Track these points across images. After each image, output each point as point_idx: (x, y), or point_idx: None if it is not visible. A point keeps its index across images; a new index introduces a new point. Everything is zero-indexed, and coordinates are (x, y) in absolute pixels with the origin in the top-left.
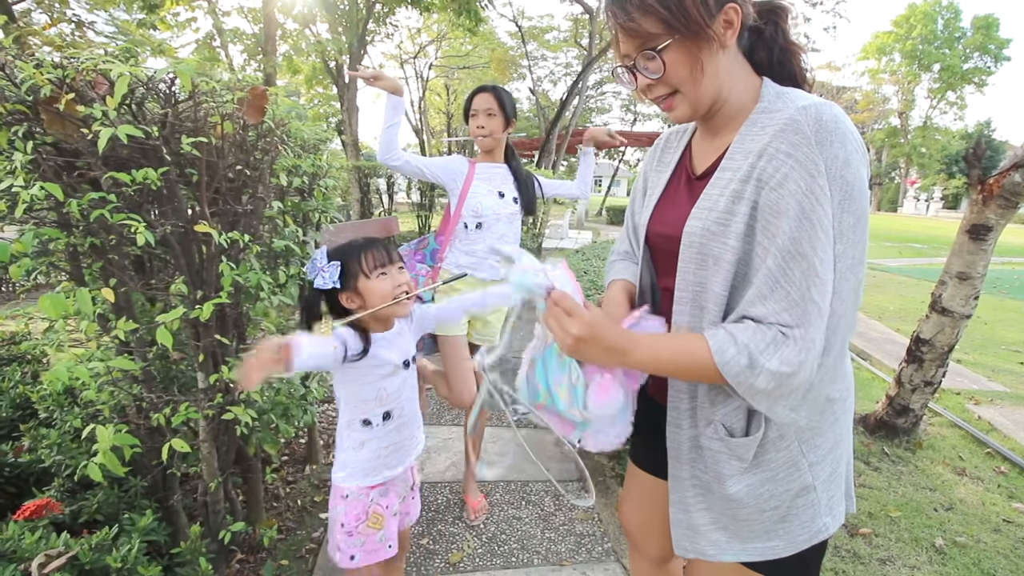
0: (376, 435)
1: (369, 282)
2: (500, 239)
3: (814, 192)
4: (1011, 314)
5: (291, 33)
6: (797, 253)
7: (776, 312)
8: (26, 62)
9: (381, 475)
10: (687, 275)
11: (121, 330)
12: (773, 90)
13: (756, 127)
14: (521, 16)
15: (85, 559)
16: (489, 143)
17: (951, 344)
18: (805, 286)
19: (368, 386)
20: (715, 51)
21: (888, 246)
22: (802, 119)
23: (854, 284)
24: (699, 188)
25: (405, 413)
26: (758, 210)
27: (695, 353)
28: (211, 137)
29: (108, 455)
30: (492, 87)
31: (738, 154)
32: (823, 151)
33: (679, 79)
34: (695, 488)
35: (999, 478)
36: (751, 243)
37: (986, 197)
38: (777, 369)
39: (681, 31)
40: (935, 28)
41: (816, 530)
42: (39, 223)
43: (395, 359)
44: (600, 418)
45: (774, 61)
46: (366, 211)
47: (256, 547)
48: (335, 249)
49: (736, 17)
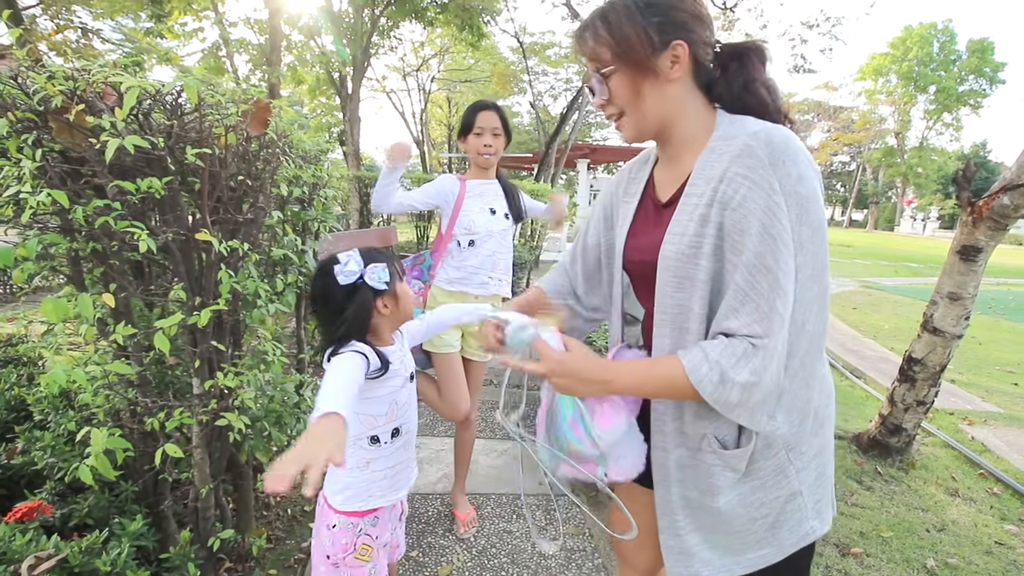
0: (384, 453)
1: (402, 285)
2: (492, 255)
3: (772, 209)
4: (1005, 335)
5: (296, 44)
6: (762, 267)
7: (747, 324)
8: (39, 73)
9: (382, 499)
10: (665, 298)
11: (120, 335)
12: (727, 118)
13: (714, 154)
14: (523, 32)
15: (75, 562)
16: (492, 161)
17: (943, 364)
18: (772, 297)
19: (380, 400)
20: (659, 82)
21: (884, 265)
22: (755, 143)
23: (818, 291)
24: (667, 215)
25: (411, 429)
26: (724, 230)
27: (672, 374)
28: (215, 148)
29: (100, 458)
30: (495, 105)
31: (700, 180)
32: (776, 170)
33: (623, 102)
34: (684, 510)
35: (992, 499)
36: (721, 262)
37: (976, 219)
38: (747, 380)
39: (624, 60)
40: (931, 51)
41: (804, 533)
42: (43, 228)
43: (404, 371)
44: (611, 445)
45: (733, 95)
46: (365, 221)
47: (245, 555)
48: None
49: (683, 54)
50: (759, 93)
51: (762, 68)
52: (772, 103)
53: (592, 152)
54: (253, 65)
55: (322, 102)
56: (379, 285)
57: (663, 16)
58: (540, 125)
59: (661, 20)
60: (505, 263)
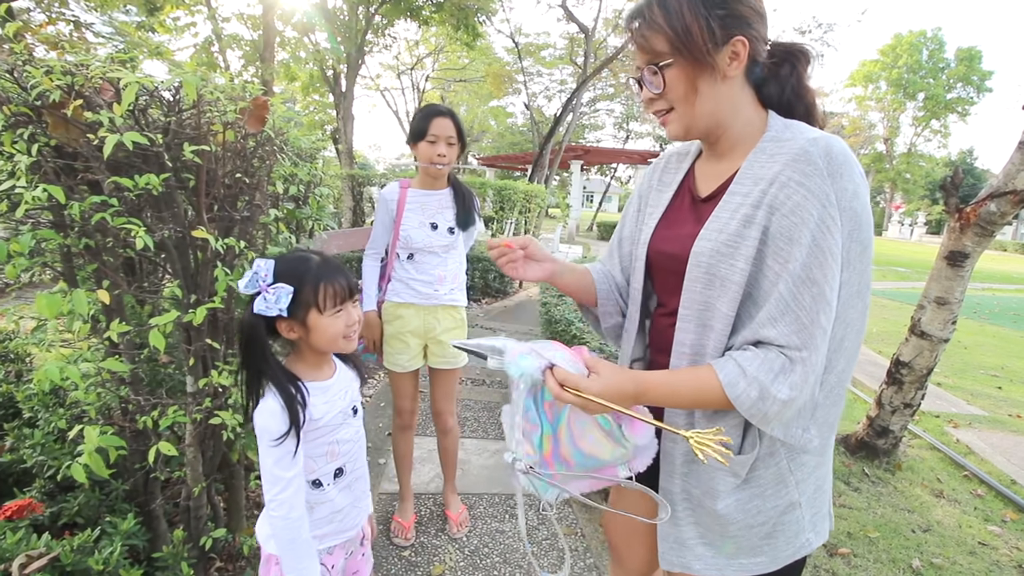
0: (328, 497)
1: (321, 319)
2: (436, 269)
3: (826, 222)
4: (990, 339)
5: (290, 41)
6: (808, 279)
7: (786, 335)
8: (36, 68)
9: (330, 539)
10: (693, 294)
11: (114, 332)
12: (780, 121)
13: (765, 155)
14: (518, 33)
15: (67, 560)
16: (444, 172)
17: (930, 367)
18: (815, 311)
19: (316, 441)
20: (715, 79)
21: (873, 269)
22: (814, 150)
23: (860, 309)
24: (705, 210)
25: (358, 467)
26: (769, 235)
27: (707, 389)
28: (212, 145)
29: (93, 456)
30: (451, 112)
31: (747, 179)
32: (834, 182)
33: (675, 97)
34: (685, 502)
35: (976, 501)
36: (759, 266)
37: (963, 225)
38: (788, 396)
39: (683, 53)
40: (920, 58)
41: (799, 545)
42: (36, 224)
43: (342, 405)
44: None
45: (783, 100)
46: (358, 219)
47: (236, 555)
48: (286, 265)
49: (743, 51)
50: (809, 100)
51: (807, 73)
52: (815, 112)
53: (586, 153)
54: (246, 61)
55: (315, 100)
56: (267, 309)
57: (726, 8)
58: (534, 126)
59: (724, 13)
60: (453, 274)
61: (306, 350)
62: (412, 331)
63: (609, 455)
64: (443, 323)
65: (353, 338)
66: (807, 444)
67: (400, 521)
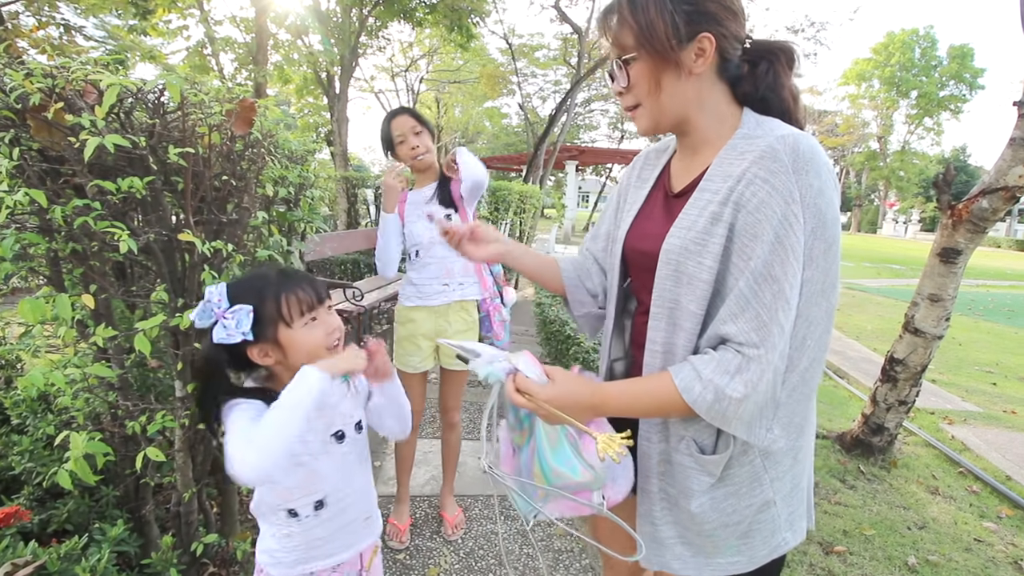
0: (306, 527)
1: (293, 332)
2: (443, 261)
3: (788, 219)
4: (985, 336)
5: (283, 43)
6: (769, 276)
7: (745, 332)
8: (16, 70)
9: (320, 563)
10: (663, 292)
11: (100, 337)
12: (753, 118)
13: (736, 152)
14: (512, 34)
15: (53, 568)
16: (429, 159)
17: (924, 364)
18: (774, 308)
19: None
20: (680, 75)
21: (867, 267)
22: (780, 147)
23: (825, 308)
24: (676, 206)
25: (348, 496)
26: (735, 232)
27: (666, 395)
28: (198, 147)
29: (80, 462)
30: (403, 108)
31: (717, 176)
32: (799, 179)
33: (640, 92)
34: (662, 502)
35: (971, 497)
36: (727, 264)
37: (955, 222)
38: (742, 394)
39: (647, 48)
40: (912, 56)
41: (776, 544)
42: (20, 228)
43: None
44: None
45: (758, 97)
46: (353, 222)
47: (229, 560)
48: (241, 286)
49: (710, 47)
50: (784, 98)
51: (789, 72)
52: (794, 111)
53: (580, 154)
54: (239, 64)
55: (310, 102)
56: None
57: (693, 5)
58: (529, 127)
59: (690, 9)
60: (461, 265)
61: (285, 376)
62: (424, 334)
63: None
64: (454, 325)
65: (339, 347)
66: (771, 444)
67: (395, 524)
